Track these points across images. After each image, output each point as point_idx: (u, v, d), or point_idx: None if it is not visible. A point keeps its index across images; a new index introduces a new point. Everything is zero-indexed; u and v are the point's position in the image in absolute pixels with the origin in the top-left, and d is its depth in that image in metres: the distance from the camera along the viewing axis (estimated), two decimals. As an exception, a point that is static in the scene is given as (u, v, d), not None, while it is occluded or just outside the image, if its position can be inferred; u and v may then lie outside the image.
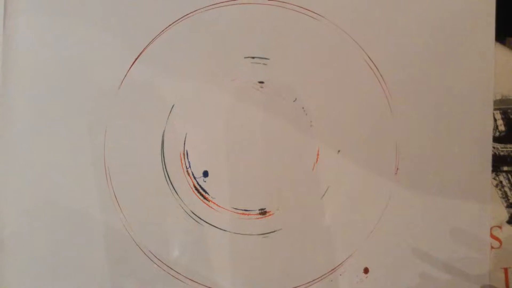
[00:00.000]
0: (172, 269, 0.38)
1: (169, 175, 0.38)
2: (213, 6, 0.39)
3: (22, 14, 0.39)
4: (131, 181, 0.38)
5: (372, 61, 0.38)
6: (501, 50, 0.38)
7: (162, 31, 0.38)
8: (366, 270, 0.38)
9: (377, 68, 0.38)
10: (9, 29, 0.39)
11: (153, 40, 0.38)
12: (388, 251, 0.38)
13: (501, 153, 0.38)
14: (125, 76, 0.38)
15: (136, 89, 0.38)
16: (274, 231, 0.38)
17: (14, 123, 0.38)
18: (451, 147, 0.38)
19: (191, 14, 0.39)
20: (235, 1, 0.39)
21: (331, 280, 0.38)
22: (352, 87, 0.38)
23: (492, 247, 0.38)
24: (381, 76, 0.38)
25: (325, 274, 0.38)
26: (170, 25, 0.38)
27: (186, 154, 0.39)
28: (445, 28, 0.38)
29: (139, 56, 0.38)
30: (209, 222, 0.38)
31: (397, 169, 0.38)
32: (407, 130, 0.38)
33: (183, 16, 0.39)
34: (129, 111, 0.38)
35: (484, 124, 0.38)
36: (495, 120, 0.38)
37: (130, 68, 0.38)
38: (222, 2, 0.39)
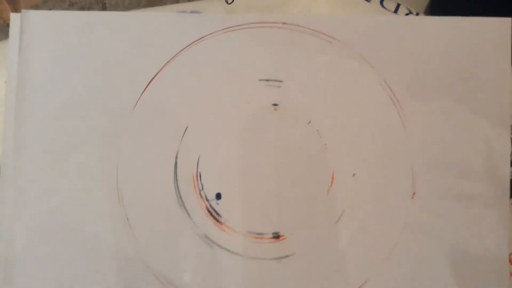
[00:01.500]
0: (184, 293, 0.37)
1: (182, 197, 0.38)
2: (226, 30, 0.39)
3: (35, 46, 0.39)
4: (143, 204, 0.38)
5: (387, 84, 0.38)
6: (517, 74, 0.38)
7: (176, 54, 0.39)
8: None
9: (392, 91, 0.38)
10: (23, 58, 0.39)
11: (167, 63, 0.39)
12: (404, 276, 0.37)
13: (519, 178, 0.38)
14: (139, 98, 0.39)
15: (150, 112, 0.38)
16: (288, 256, 0.37)
17: (27, 145, 0.38)
18: (468, 171, 0.37)
19: (205, 38, 0.39)
20: (248, 25, 0.39)
21: (343, 302, 0.37)
22: (367, 110, 0.38)
23: (511, 274, 0.37)
24: (397, 99, 0.38)
25: (340, 300, 0.37)
26: (183, 48, 0.39)
27: (199, 176, 0.38)
28: (461, 51, 0.38)
29: (153, 78, 0.39)
30: (221, 246, 0.38)
31: (414, 193, 0.37)
32: (423, 154, 0.38)
33: (196, 40, 0.39)
34: (142, 134, 0.38)
35: (501, 148, 0.37)
36: (512, 143, 0.38)
37: (144, 90, 0.39)
38: (235, 26, 0.39)
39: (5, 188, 0.38)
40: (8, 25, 0.40)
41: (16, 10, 0.47)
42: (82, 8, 0.52)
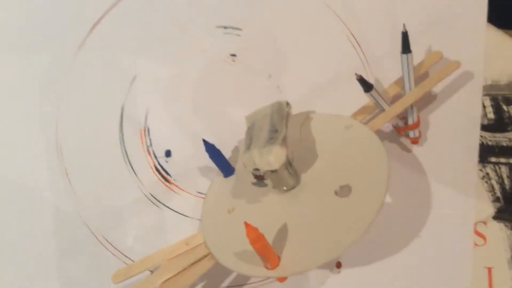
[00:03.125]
0: (127, 256, 0.35)
1: (128, 153, 0.35)
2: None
3: None
4: (85, 158, 0.35)
5: (354, 38, 0.35)
6: (493, 32, 0.35)
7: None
8: (338, 265, 0.35)
9: (359, 46, 0.35)
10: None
11: (115, 4, 0.35)
12: (363, 244, 0.35)
13: (489, 143, 0.36)
14: (81, 43, 0.35)
15: (94, 59, 0.35)
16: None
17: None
18: (435, 134, 0.35)
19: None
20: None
21: (303, 275, 0.34)
22: (332, 64, 0.35)
23: (475, 245, 0.35)
24: (364, 54, 0.35)
25: (294, 267, 0.35)
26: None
27: (147, 131, 0.35)
28: (434, 8, 0.35)
29: (98, 22, 0.35)
30: (169, 207, 0.35)
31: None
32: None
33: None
34: (85, 82, 0.35)
35: (472, 111, 0.35)
36: (484, 107, 0.36)
37: (87, 35, 0.35)
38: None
39: None
40: None
41: None
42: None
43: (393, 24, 0.35)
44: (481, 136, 0.35)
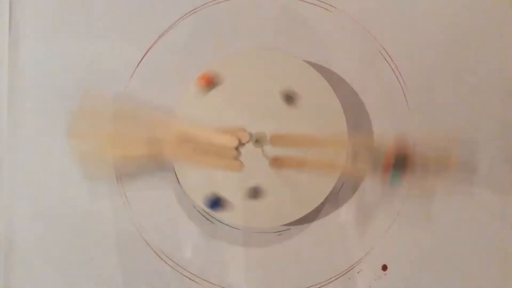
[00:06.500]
0: (185, 269, 0.37)
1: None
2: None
3: (28, 23, 0.38)
4: (141, 182, 0.37)
5: (387, 52, 0.37)
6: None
7: (176, 21, 0.38)
8: (384, 267, 0.37)
9: (392, 60, 0.37)
10: (15, 37, 0.38)
11: (161, 35, 0.38)
12: (406, 247, 0.37)
13: (523, 141, 0.37)
14: (130, 78, 0.38)
15: (142, 91, 0.38)
16: (289, 228, 0.37)
17: (23, 128, 0.38)
18: (473, 138, 0.37)
19: (204, 6, 0.38)
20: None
21: (349, 278, 0.37)
22: (367, 79, 0.37)
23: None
24: (397, 67, 0.37)
25: (342, 272, 0.37)
26: (183, 16, 0.38)
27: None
28: (465, 16, 0.37)
29: (143, 57, 0.38)
30: (221, 221, 0.37)
31: (415, 163, 0.37)
32: (424, 122, 0.37)
33: (196, 8, 0.38)
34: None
35: (507, 113, 0.37)
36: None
37: (135, 70, 0.38)
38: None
39: (2, 169, 0.38)
40: None
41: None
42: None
43: (424, 37, 0.37)
44: (517, 138, 0.37)
